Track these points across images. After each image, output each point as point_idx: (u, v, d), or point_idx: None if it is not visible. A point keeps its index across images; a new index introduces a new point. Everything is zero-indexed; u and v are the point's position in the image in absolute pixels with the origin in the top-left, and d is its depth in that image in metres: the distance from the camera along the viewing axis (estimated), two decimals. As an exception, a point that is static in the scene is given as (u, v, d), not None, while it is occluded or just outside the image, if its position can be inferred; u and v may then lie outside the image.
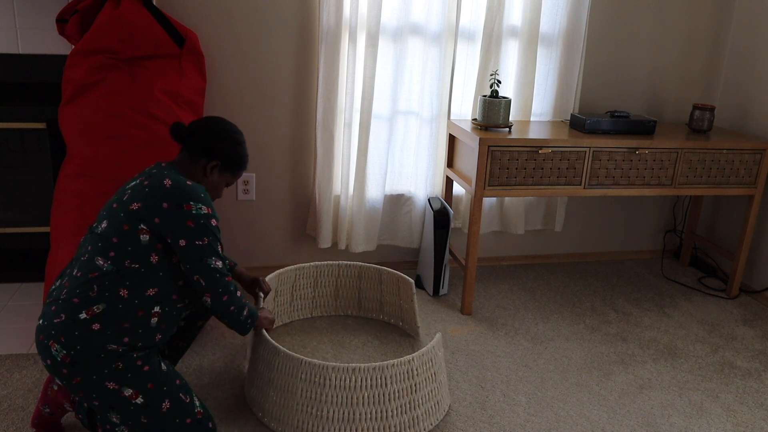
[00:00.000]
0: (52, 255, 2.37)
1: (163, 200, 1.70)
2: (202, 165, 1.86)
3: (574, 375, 2.41)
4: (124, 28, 2.40)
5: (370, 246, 3.11)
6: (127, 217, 1.70)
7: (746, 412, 2.25)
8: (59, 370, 1.65)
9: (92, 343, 1.64)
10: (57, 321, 1.65)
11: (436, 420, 2.08)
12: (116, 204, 1.75)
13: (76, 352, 1.63)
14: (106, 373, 1.65)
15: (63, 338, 1.63)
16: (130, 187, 1.78)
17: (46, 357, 1.66)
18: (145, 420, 1.70)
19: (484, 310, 2.90)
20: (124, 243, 1.68)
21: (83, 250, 1.75)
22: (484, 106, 2.77)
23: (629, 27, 3.20)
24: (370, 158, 2.99)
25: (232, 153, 1.89)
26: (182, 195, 1.71)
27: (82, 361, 1.64)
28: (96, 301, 1.65)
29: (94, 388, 1.65)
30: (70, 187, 2.36)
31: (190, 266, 1.72)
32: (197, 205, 1.72)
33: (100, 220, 1.76)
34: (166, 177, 1.74)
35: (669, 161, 2.85)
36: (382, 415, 1.93)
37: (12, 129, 2.74)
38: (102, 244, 1.70)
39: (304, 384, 1.92)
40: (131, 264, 1.68)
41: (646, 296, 3.14)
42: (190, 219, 1.70)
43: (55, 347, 1.63)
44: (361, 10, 2.80)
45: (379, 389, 1.92)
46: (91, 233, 1.77)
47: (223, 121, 1.92)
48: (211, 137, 1.86)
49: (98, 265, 1.68)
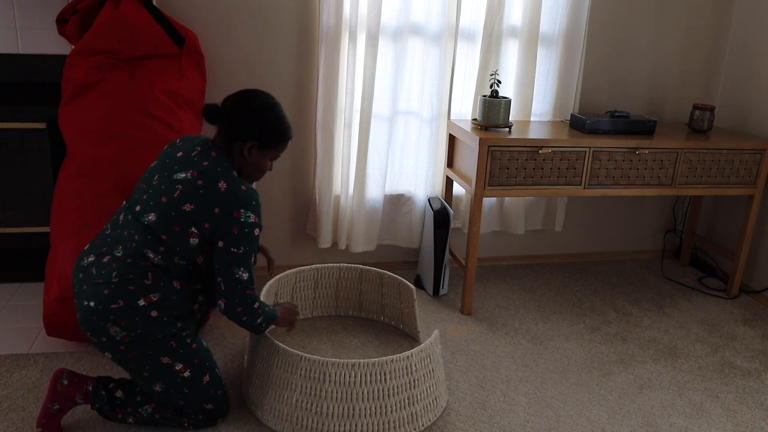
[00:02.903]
0: (52, 255, 2.37)
1: (216, 206, 1.73)
2: (239, 147, 1.82)
3: (574, 375, 2.41)
4: (124, 28, 2.40)
5: (370, 246, 3.11)
6: (179, 218, 1.74)
7: (746, 412, 2.25)
8: (116, 347, 1.77)
9: (152, 327, 1.76)
10: (114, 307, 1.74)
11: (434, 416, 2.09)
12: (165, 197, 1.75)
13: (136, 334, 1.75)
14: (162, 349, 1.79)
15: (124, 323, 1.74)
16: (180, 180, 1.75)
17: (100, 335, 1.76)
18: (187, 390, 1.87)
19: (484, 310, 2.90)
20: (173, 243, 1.76)
21: (126, 233, 1.80)
22: (484, 106, 2.77)
23: (629, 27, 3.20)
24: (370, 158, 2.99)
25: (267, 130, 1.82)
26: (234, 202, 1.73)
27: (141, 341, 1.77)
28: (152, 290, 1.75)
29: (149, 362, 1.80)
30: (70, 187, 2.36)
31: (218, 267, 1.78)
32: (246, 213, 1.74)
33: (145, 209, 1.77)
34: (221, 178, 1.74)
35: (669, 161, 2.85)
36: (382, 410, 1.94)
37: (12, 129, 2.74)
38: (151, 237, 1.76)
39: (303, 380, 1.92)
40: (180, 261, 1.78)
41: (646, 296, 3.14)
42: (236, 226, 1.73)
43: (115, 329, 1.74)
44: (361, 10, 2.80)
45: (378, 385, 1.93)
46: (134, 217, 1.80)
47: (254, 95, 1.83)
48: (241, 118, 1.80)
49: (149, 257, 1.76)
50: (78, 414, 2.01)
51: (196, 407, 1.91)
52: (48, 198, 2.83)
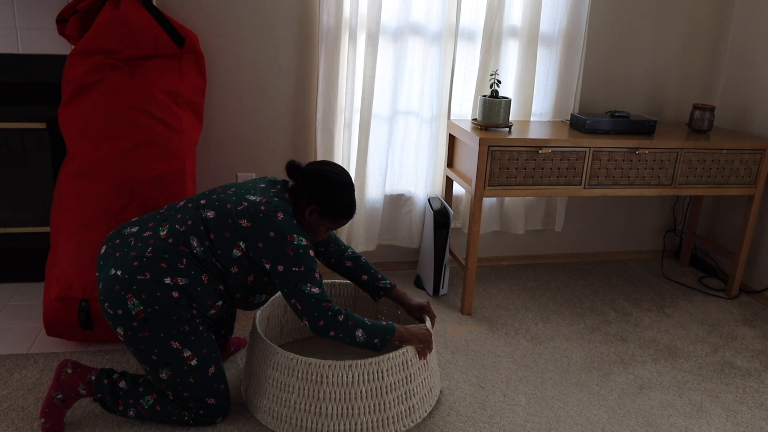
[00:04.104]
0: (52, 255, 2.37)
1: (271, 230, 1.83)
2: (302, 206, 1.97)
3: (574, 375, 2.41)
4: (124, 28, 2.40)
5: (370, 246, 3.11)
6: (233, 228, 1.84)
7: (746, 412, 2.25)
8: (128, 322, 1.79)
9: (169, 307, 1.80)
10: (141, 278, 1.78)
11: (429, 407, 2.11)
12: (230, 206, 1.87)
13: (153, 310, 1.79)
14: (173, 333, 1.82)
15: (144, 295, 1.78)
16: (249, 200, 1.88)
17: (117, 307, 1.79)
18: (192, 380, 1.88)
19: (484, 310, 2.90)
20: (218, 245, 1.85)
21: (180, 216, 1.89)
22: (484, 106, 2.77)
23: (629, 27, 3.20)
24: (370, 158, 2.99)
25: (330, 201, 1.95)
26: (288, 229, 1.85)
27: (155, 319, 1.79)
28: (182, 273, 1.81)
29: (159, 344, 1.82)
30: (70, 187, 2.36)
31: (288, 290, 1.84)
32: (299, 238, 1.85)
33: (209, 206, 1.89)
34: (281, 211, 1.87)
35: (669, 161, 2.85)
36: (380, 407, 1.96)
37: (12, 129, 2.74)
38: (203, 229, 1.85)
39: (301, 383, 1.92)
40: (216, 261, 1.86)
41: (646, 296, 3.14)
42: (290, 248, 1.83)
43: (133, 301, 1.78)
44: (361, 10, 2.80)
45: (376, 383, 1.94)
46: (195, 206, 1.90)
47: (333, 168, 1.98)
48: (312, 182, 1.95)
49: (191, 245, 1.84)
50: (80, 411, 2.01)
51: (198, 400, 1.92)
52: (48, 198, 2.83)
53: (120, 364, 2.30)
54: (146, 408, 1.92)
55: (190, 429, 1.97)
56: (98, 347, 2.40)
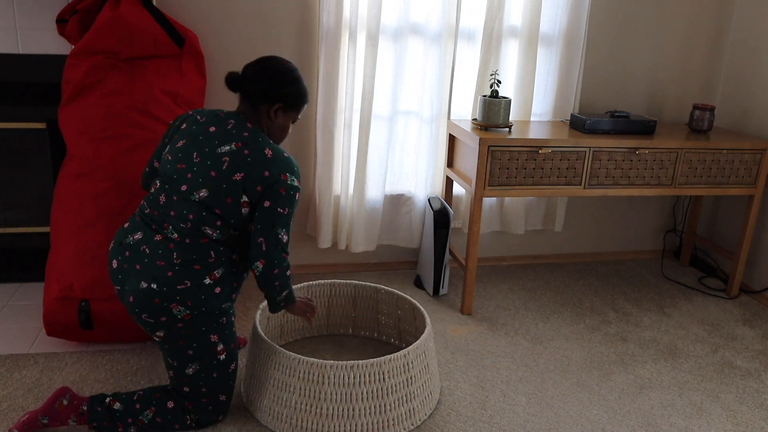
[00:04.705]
0: (52, 255, 2.37)
1: (266, 169, 1.79)
2: (266, 110, 1.88)
3: (574, 375, 2.41)
4: (124, 28, 2.40)
5: (370, 246, 3.11)
6: (230, 189, 1.78)
7: (746, 412, 2.25)
8: (173, 325, 1.80)
9: (215, 304, 1.82)
10: (181, 287, 1.77)
11: (429, 410, 2.11)
12: (214, 172, 1.79)
13: (200, 312, 1.80)
14: (214, 326, 1.85)
15: (190, 302, 1.78)
16: (225, 153, 1.80)
17: (159, 316, 1.79)
18: (215, 375, 1.89)
19: (484, 310, 2.90)
20: (228, 215, 1.81)
21: (175, 213, 1.81)
22: (484, 106, 2.77)
23: (629, 27, 3.20)
24: (370, 158, 2.99)
25: (291, 92, 1.88)
26: (281, 166, 1.81)
27: (201, 318, 1.81)
28: (215, 266, 1.81)
29: (198, 339, 1.83)
30: (70, 187, 2.36)
31: (261, 227, 1.80)
32: (291, 177, 1.82)
33: (194, 186, 1.79)
34: (265, 146, 1.82)
35: (669, 161, 2.85)
36: (381, 409, 1.96)
37: (12, 129, 2.74)
38: (206, 214, 1.80)
39: (302, 383, 1.92)
40: (234, 232, 1.84)
41: (646, 296, 3.14)
42: (283, 187, 1.80)
43: (179, 308, 1.78)
44: (361, 10, 2.80)
45: (377, 384, 1.94)
46: (182, 197, 1.81)
47: (275, 60, 1.90)
48: (266, 82, 1.85)
49: (207, 234, 1.81)
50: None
51: (213, 395, 1.93)
52: (48, 198, 2.83)
53: (120, 363, 2.30)
54: (147, 423, 1.89)
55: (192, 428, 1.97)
56: (98, 347, 2.40)
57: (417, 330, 2.39)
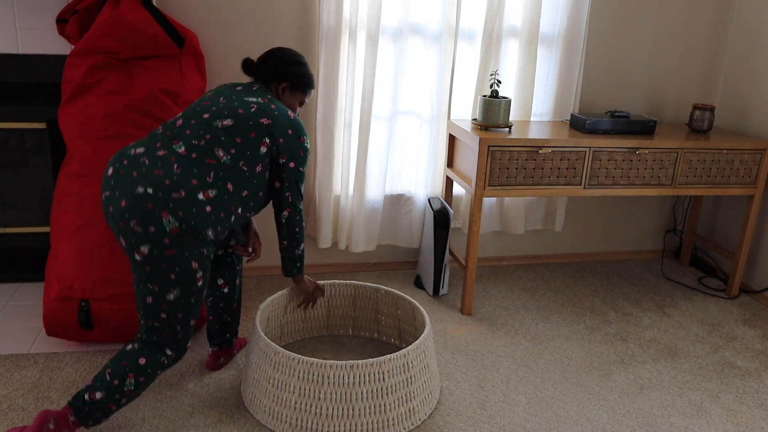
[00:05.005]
0: (52, 255, 2.37)
1: (289, 127, 1.99)
2: (274, 89, 2.10)
3: (574, 375, 2.41)
4: (124, 28, 2.40)
5: (370, 246, 3.11)
6: (256, 127, 1.93)
7: (746, 412, 2.25)
8: (159, 239, 1.78)
9: (203, 223, 1.82)
10: (176, 196, 1.79)
11: (429, 409, 2.11)
12: (242, 110, 1.94)
13: (188, 227, 1.80)
14: (195, 253, 1.84)
15: (181, 213, 1.79)
16: (253, 102, 1.97)
17: (148, 224, 1.77)
18: (193, 301, 1.88)
19: (484, 310, 2.90)
20: (246, 147, 1.91)
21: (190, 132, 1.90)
22: (484, 106, 2.77)
23: (629, 27, 3.20)
24: (370, 158, 2.99)
25: (298, 72, 2.10)
26: (301, 129, 2.02)
27: (186, 237, 1.81)
28: (211, 186, 1.85)
29: (182, 263, 1.82)
30: (70, 187, 2.36)
31: (288, 185, 2.01)
32: (306, 140, 2.04)
33: (219, 116, 1.92)
34: (287, 109, 2.04)
35: (669, 161, 2.85)
36: (381, 409, 1.96)
37: (12, 129, 2.74)
38: (225, 139, 1.89)
39: (301, 383, 1.92)
40: (243, 165, 1.91)
41: (646, 296, 3.14)
42: (302, 149, 2.02)
43: (169, 218, 1.78)
44: (361, 10, 2.80)
45: (376, 384, 1.94)
46: (204, 122, 1.91)
47: (284, 48, 2.15)
48: (276, 62, 2.09)
49: (217, 156, 1.87)
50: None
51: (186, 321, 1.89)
52: (48, 198, 2.83)
53: (120, 364, 2.30)
54: (133, 389, 1.86)
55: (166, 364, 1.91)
56: (98, 347, 2.40)
57: (417, 330, 2.39)
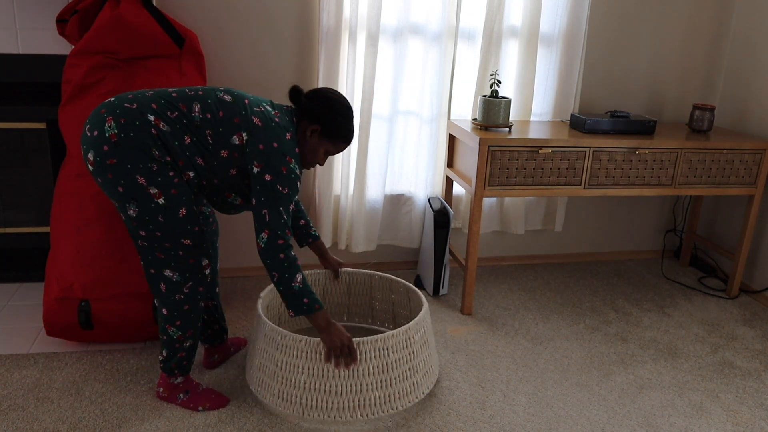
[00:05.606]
0: (52, 255, 2.37)
1: (276, 141, 1.86)
2: (304, 127, 1.98)
3: (574, 375, 2.41)
4: (124, 28, 2.40)
5: (370, 246, 3.11)
6: (245, 120, 1.86)
7: (746, 412, 2.25)
8: (100, 145, 1.77)
9: (143, 140, 1.77)
10: (127, 106, 1.79)
11: (431, 384, 2.19)
12: (247, 101, 1.90)
13: (126, 136, 1.76)
14: (140, 167, 1.78)
15: (123, 120, 1.77)
16: (264, 107, 1.92)
17: (94, 128, 1.79)
18: (161, 219, 1.83)
19: (484, 310, 2.90)
20: (222, 124, 1.84)
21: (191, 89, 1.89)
22: (484, 106, 2.77)
23: (629, 27, 3.20)
24: (370, 158, 2.99)
25: (332, 121, 1.97)
26: (290, 151, 1.88)
27: (126, 148, 1.76)
28: (168, 122, 1.80)
29: (125, 176, 1.78)
30: (70, 187, 2.36)
31: (265, 200, 1.84)
32: (295, 164, 1.89)
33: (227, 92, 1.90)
34: (289, 132, 1.92)
35: (669, 161, 2.85)
36: (387, 383, 2.02)
37: (12, 129, 2.74)
38: (210, 103, 1.85)
39: (309, 363, 1.96)
40: (209, 136, 1.84)
41: (646, 296, 3.14)
42: (285, 167, 1.85)
43: (110, 123, 1.77)
44: (361, 10, 2.80)
45: (382, 359, 2.00)
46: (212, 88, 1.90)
47: (336, 92, 2.02)
48: (315, 103, 1.97)
49: (192, 108, 1.83)
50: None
51: (173, 240, 1.86)
52: (48, 198, 2.83)
53: (120, 363, 2.30)
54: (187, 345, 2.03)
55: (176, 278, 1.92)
56: (98, 347, 2.40)
57: (412, 312, 2.43)
